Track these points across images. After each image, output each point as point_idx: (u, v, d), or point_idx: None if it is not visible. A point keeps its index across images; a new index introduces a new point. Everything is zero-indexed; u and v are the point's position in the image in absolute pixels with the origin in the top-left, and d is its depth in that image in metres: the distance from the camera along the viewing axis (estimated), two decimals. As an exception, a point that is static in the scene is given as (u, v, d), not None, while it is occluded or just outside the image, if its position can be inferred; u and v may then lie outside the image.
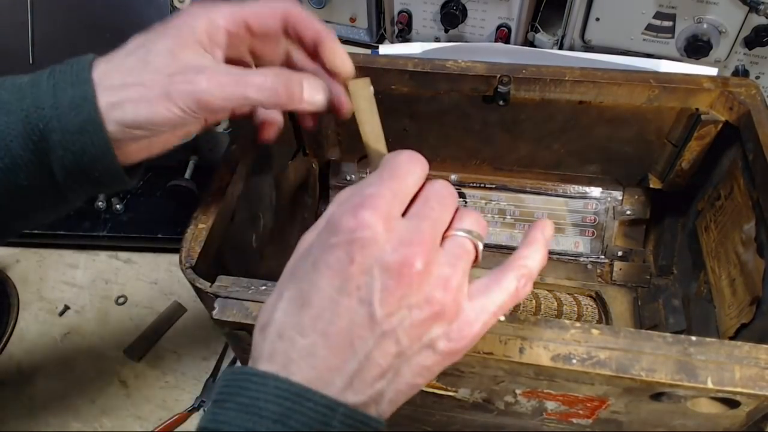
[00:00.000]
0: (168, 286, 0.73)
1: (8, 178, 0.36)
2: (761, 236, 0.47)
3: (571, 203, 0.64)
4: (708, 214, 0.55)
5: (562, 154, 0.61)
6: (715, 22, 0.68)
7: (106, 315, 0.71)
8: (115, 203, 0.77)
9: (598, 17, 0.73)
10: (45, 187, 0.37)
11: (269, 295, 0.32)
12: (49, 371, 0.67)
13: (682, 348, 0.35)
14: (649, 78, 0.52)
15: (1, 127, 0.35)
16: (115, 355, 0.68)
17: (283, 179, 0.59)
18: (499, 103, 0.55)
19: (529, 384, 0.38)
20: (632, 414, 0.39)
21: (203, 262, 0.43)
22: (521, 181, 0.65)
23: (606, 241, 0.63)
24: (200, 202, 0.45)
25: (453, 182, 0.66)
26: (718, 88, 0.51)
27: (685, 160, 0.56)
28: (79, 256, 0.77)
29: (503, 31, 0.81)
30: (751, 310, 0.46)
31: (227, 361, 0.67)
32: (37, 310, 0.72)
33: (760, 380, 0.34)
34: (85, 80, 0.36)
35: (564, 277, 0.63)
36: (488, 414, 0.44)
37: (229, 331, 0.40)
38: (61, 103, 0.35)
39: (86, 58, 0.37)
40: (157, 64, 0.36)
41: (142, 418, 0.63)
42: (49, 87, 0.36)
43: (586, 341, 0.36)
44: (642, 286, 0.61)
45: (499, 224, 0.65)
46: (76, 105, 0.35)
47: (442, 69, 0.55)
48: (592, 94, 0.54)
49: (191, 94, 0.35)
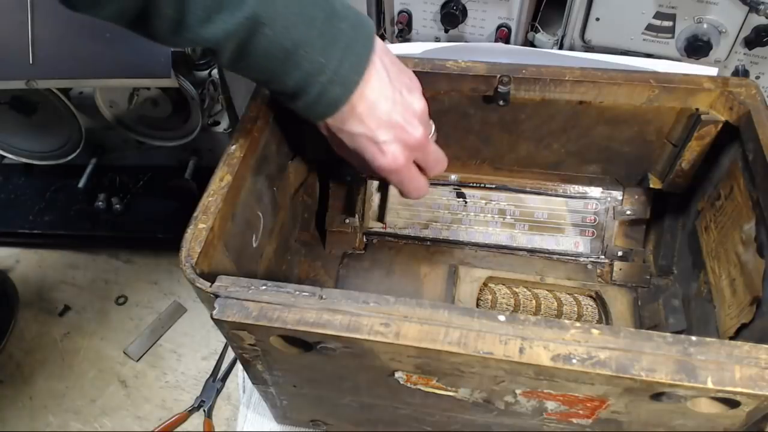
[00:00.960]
0: (168, 286, 0.74)
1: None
2: (761, 236, 0.47)
3: (571, 203, 0.64)
4: (708, 214, 0.55)
5: (562, 154, 0.61)
6: (715, 22, 0.68)
7: (106, 315, 0.71)
8: (115, 203, 0.77)
9: (598, 17, 0.73)
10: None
11: (269, 294, 0.32)
12: (49, 371, 0.67)
13: (682, 348, 0.35)
14: (649, 78, 0.52)
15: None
16: (115, 355, 0.68)
17: (283, 179, 0.59)
18: (499, 103, 0.55)
19: (529, 384, 0.38)
20: (632, 414, 0.39)
21: (203, 262, 0.43)
22: (521, 181, 0.65)
23: (606, 241, 0.63)
24: (200, 202, 0.45)
25: (453, 182, 0.66)
26: (718, 88, 0.51)
27: (685, 160, 0.56)
28: (79, 256, 0.77)
29: (503, 31, 0.81)
30: (751, 310, 0.46)
31: (227, 361, 0.67)
32: (37, 310, 0.72)
33: (760, 380, 0.34)
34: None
35: (564, 277, 0.63)
36: (488, 414, 0.44)
37: (229, 330, 0.40)
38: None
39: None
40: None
41: (142, 418, 0.63)
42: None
43: (586, 341, 0.35)
44: (642, 286, 0.61)
45: (499, 224, 0.65)
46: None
47: (442, 69, 0.55)
48: (592, 94, 0.54)
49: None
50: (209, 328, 0.69)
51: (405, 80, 0.47)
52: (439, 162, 0.52)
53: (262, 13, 0.39)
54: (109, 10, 0.38)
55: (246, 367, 0.46)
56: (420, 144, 0.48)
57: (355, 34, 0.43)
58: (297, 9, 0.40)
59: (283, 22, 0.40)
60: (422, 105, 0.48)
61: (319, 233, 0.67)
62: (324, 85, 0.43)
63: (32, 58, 0.62)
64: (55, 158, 0.77)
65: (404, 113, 0.46)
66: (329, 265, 0.65)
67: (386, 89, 0.45)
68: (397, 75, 0.47)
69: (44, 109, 0.73)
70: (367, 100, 0.45)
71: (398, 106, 0.46)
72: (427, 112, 0.49)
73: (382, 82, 0.45)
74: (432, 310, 0.37)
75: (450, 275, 0.63)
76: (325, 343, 0.38)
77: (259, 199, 0.54)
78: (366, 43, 0.44)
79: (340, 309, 0.38)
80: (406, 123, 0.47)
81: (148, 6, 0.38)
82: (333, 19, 0.42)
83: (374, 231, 0.66)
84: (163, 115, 0.72)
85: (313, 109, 0.45)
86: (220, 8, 0.38)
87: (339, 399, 0.49)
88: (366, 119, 0.45)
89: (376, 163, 0.48)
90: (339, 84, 0.43)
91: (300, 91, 0.43)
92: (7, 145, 0.77)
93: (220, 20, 0.38)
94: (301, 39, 0.41)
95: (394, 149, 0.47)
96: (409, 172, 0.49)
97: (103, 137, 0.76)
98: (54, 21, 0.62)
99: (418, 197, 0.53)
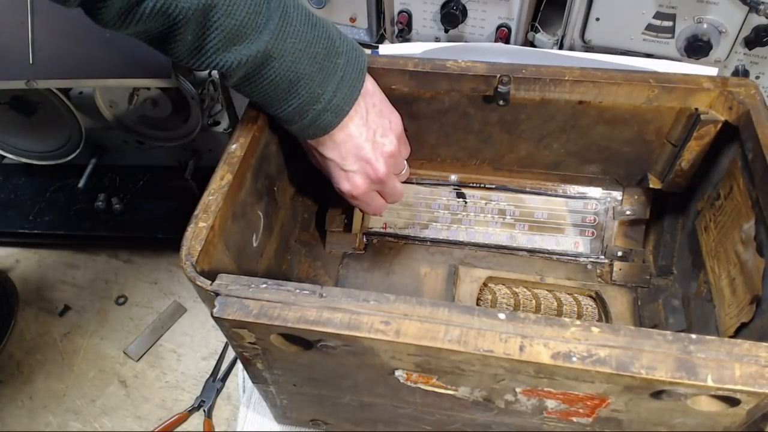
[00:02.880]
0: (168, 286, 0.74)
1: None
2: (761, 235, 0.47)
3: (571, 203, 0.64)
4: (708, 213, 0.55)
5: (562, 154, 0.61)
6: (715, 22, 0.68)
7: (106, 315, 0.71)
8: (115, 203, 0.77)
9: (598, 17, 0.73)
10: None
11: (269, 292, 0.32)
12: (49, 371, 0.67)
13: (682, 346, 0.35)
14: (648, 78, 0.53)
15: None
16: (115, 355, 0.68)
17: (283, 179, 0.59)
18: (499, 103, 0.55)
19: (529, 382, 0.38)
20: (632, 412, 0.39)
21: (204, 260, 0.43)
22: (521, 181, 0.65)
23: (606, 241, 0.63)
24: (200, 201, 0.45)
25: (453, 182, 0.66)
26: (717, 88, 0.51)
27: (684, 160, 0.56)
28: (79, 256, 0.77)
29: (503, 31, 0.81)
30: (751, 309, 0.46)
31: (227, 361, 0.67)
32: (37, 310, 0.72)
33: (760, 378, 0.34)
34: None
35: (564, 277, 0.63)
36: (488, 413, 0.44)
37: (230, 329, 0.40)
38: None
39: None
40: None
41: (142, 418, 0.63)
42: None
43: (586, 339, 0.36)
44: (642, 286, 0.61)
45: (499, 224, 0.65)
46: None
47: (442, 69, 0.55)
48: (592, 94, 0.54)
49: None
50: (209, 328, 0.69)
51: (384, 122, 0.53)
52: (395, 196, 0.58)
53: (273, 48, 0.44)
54: (134, 30, 0.41)
55: (246, 366, 0.46)
56: (381, 180, 0.54)
57: (350, 69, 0.49)
58: (303, 46, 0.45)
59: (290, 57, 0.45)
60: (393, 147, 0.54)
61: (319, 233, 0.67)
62: (318, 112, 0.48)
63: (32, 58, 0.62)
64: (55, 158, 0.77)
65: (373, 151, 0.52)
66: (329, 265, 0.65)
67: (364, 126, 0.51)
68: (377, 115, 0.53)
69: (44, 109, 0.73)
70: (345, 132, 0.51)
71: (370, 143, 0.52)
72: (397, 154, 0.55)
73: (362, 119, 0.51)
74: (432, 308, 0.37)
75: (450, 275, 0.63)
76: (326, 342, 0.38)
77: (259, 198, 0.54)
78: (358, 78, 0.50)
79: (341, 307, 0.38)
80: (374, 160, 0.53)
81: (172, 31, 0.40)
82: (332, 55, 0.47)
83: (374, 231, 0.66)
84: (163, 115, 0.72)
85: (304, 132, 0.50)
86: (238, 42, 0.42)
87: (339, 398, 0.49)
88: (339, 148, 0.52)
89: (340, 186, 0.55)
90: (330, 112, 0.49)
91: (296, 117, 0.49)
92: (7, 145, 0.77)
93: (236, 51, 0.42)
94: (304, 72, 0.46)
95: (357, 179, 0.53)
96: (366, 198, 0.56)
97: (103, 137, 0.76)
98: (54, 21, 0.62)
99: (375, 215, 0.63)
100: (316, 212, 0.67)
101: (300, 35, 0.45)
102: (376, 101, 0.53)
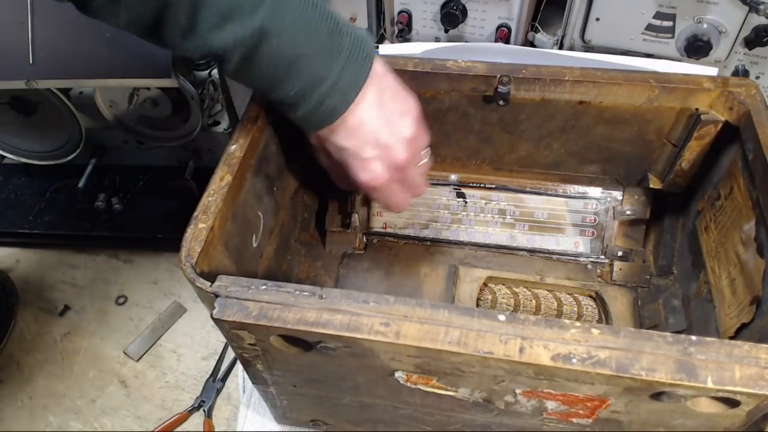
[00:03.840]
0: (168, 286, 0.74)
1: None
2: (761, 236, 0.47)
3: (571, 203, 0.64)
4: (708, 214, 0.55)
5: (562, 154, 0.61)
6: (715, 22, 0.68)
7: (106, 315, 0.71)
8: (115, 203, 0.77)
9: (598, 17, 0.73)
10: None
11: (269, 294, 0.32)
12: (49, 371, 0.67)
13: (682, 347, 0.35)
14: (648, 78, 0.52)
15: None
16: (115, 355, 0.68)
17: (283, 179, 0.59)
18: (499, 103, 0.55)
19: (529, 384, 0.38)
20: (632, 414, 0.39)
21: (203, 261, 0.43)
22: (521, 181, 0.65)
23: (606, 241, 0.63)
24: (200, 202, 0.45)
25: (453, 182, 0.66)
26: (717, 88, 0.51)
27: (685, 160, 0.56)
28: (79, 256, 0.77)
29: (503, 31, 0.81)
30: (751, 309, 0.46)
31: (227, 361, 0.67)
32: (37, 310, 0.72)
33: (760, 380, 0.34)
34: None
35: (564, 277, 0.63)
36: (488, 414, 0.44)
37: (229, 330, 0.40)
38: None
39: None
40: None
41: (142, 418, 0.63)
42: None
43: (586, 341, 0.35)
44: (642, 286, 0.61)
45: (499, 224, 0.65)
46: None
47: (442, 69, 0.55)
48: (592, 94, 0.54)
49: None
50: (209, 328, 0.69)
51: (399, 105, 0.49)
52: (417, 188, 0.55)
53: (270, 25, 0.41)
54: (125, 18, 0.40)
55: (246, 366, 0.46)
56: (401, 167, 0.50)
57: (356, 50, 0.45)
58: (303, 24, 0.42)
59: (289, 35, 0.42)
60: (412, 131, 0.50)
61: (319, 233, 0.67)
62: (323, 95, 0.45)
63: (32, 58, 0.62)
64: (55, 158, 0.77)
65: (391, 135, 0.48)
66: (329, 265, 0.65)
67: (378, 109, 0.47)
68: (392, 98, 0.49)
69: (44, 109, 0.73)
70: (358, 117, 0.47)
71: (387, 128, 0.48)
72: (417, 139, 0.51)
73: (375, 102, 0.47)
74: (432, 310, 0.37)
75: (450, 275, 0.63)
76: (325, 343, 0.38)
77: (259, 199, 0.54)
78: (365, 60, 0.46)
79: (340, 308, 0.38)
80: (393, 144, 0.49)
81: (162, 13, 0.39)
82: (336, 34, 0.44)
83: (374, 231, 0.66)
84: (163, 115, 0.72)
85: (310, 118, 0.47)
86: (232, 19, 0.40)
87: (339, 399, 0.49)
88: (354, 134, 0.48)
89: (358, 177, 0.50)
90: (337, 95, 0.45)
91: (299, 101, 0.45)
92: (7, 145, 0.77)
93: (230, 29, 0.40)
94: (305, 51, 0.43)
95: (376, 167, 0.49)
96: (387, 190, 0.52)
97: (103, 137, 0.76)
98: (54, 21, 0.62)
99: (397, 211, 0.57)
100: (316, 212, 0.67)
101: (299, 13, 0.42)
102: (389, 83, 0.49)
